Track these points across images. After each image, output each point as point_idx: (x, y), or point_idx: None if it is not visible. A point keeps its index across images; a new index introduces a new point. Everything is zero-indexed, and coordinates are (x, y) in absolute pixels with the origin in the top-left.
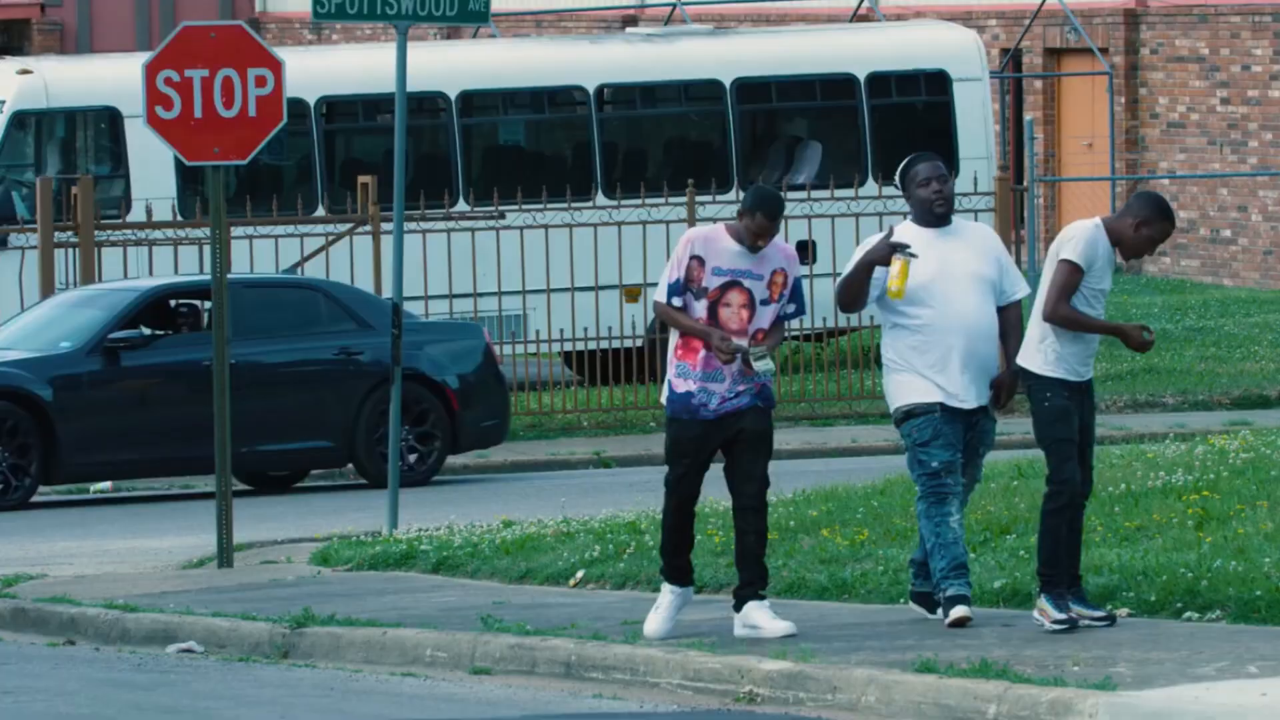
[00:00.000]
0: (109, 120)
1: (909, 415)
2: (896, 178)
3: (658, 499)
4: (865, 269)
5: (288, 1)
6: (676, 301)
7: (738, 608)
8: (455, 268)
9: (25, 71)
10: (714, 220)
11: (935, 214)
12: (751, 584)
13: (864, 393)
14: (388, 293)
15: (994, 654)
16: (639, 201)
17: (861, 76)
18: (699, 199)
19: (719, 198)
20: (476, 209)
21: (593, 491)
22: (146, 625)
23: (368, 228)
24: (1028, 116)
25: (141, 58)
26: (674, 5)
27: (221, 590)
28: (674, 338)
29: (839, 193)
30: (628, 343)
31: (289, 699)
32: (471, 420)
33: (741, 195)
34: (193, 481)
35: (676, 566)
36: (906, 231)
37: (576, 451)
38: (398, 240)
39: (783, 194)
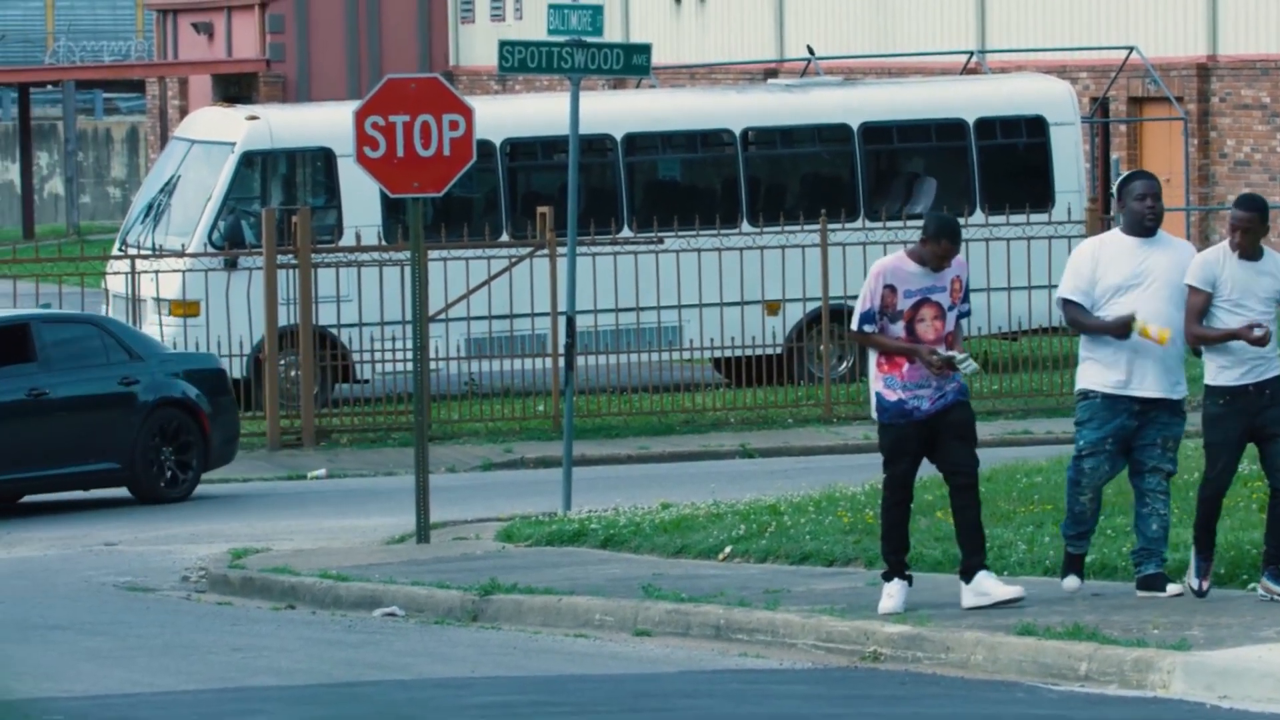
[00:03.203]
0: (324, 159)
1: (1084, 396)
2: (1115, 189)
3: (796, 485)
4: (1102, 329)
5: (477, 56)
6: (869, 328)
7: (968, 578)
8: (620, 286)
9: (253, 118)
10: (843, 245)
11: (1145, 227)
12: (977, 553)
13: (973, 393)
14: (563, 307)
15: (1085, 619)
16: (778, 229)
17: (970, 121)
18: (830, 226)
19: (847, 225)
20: (639, 235)
21: (738, 479)
22: (355, 592)
23: (545, 251)
24: (1114, 155)
25: (352, 106)
26: (809, 60)
27: (420, 563)
28: (873, 355)
29: None
30: (768, 350)
31: (477, 656)
32: (218, 440)
33: (866, 223)
34: (395, 469)
35: (899, 562)
36: (1114, 239)
37: (724, 444)
38: (571, 262)
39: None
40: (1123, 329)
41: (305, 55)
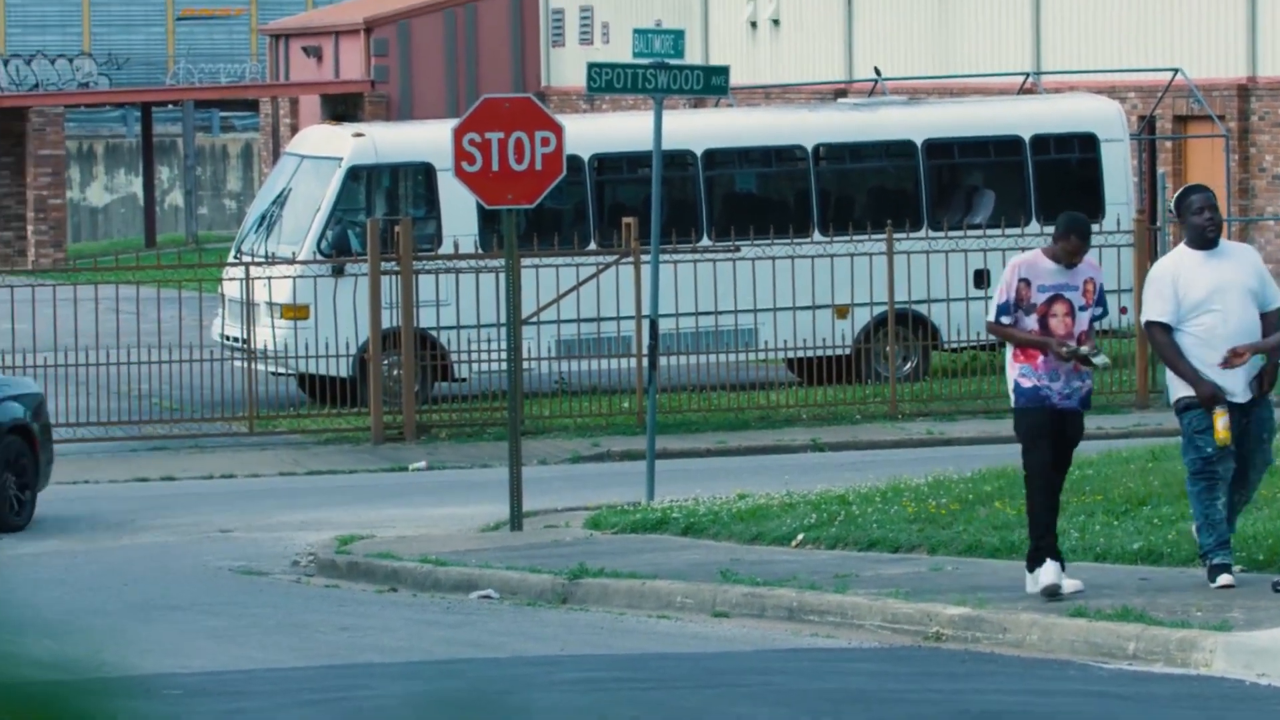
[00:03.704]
0: (424, 173)
1: (1187, 407)
2: (1172, 204)
3: (863, 477)
4: (1190, 380)
5: (567, 77)
6: (1005, 320)
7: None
8: (700, 291)
9: (359, 135)
10: (908, 254)
11: (1206, 238)
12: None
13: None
14: (647, 310)
15: (1133, 602)
16: (847, 238)
17: (1026, 138)
18: (895, 236)
19: (911, 235)
20: (717, 244)
21: (810, 471)
22: (454, 576)
23: (630, 259)
24: (1160, 170)
25: (451, 124)
26: (876, 81)
27: (513, 549)
28: (1009, 347)
29: (1008, 231)
30: (838, 351)
31: (567, 635)
32: (44, 462)
33: (929, 232)
34: (491, 462)
35: (1049, 545)
36: (1187, 257)
37: (797, 438)
38: (654, 269)
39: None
40: (1209, 400)
41: (407, 77)
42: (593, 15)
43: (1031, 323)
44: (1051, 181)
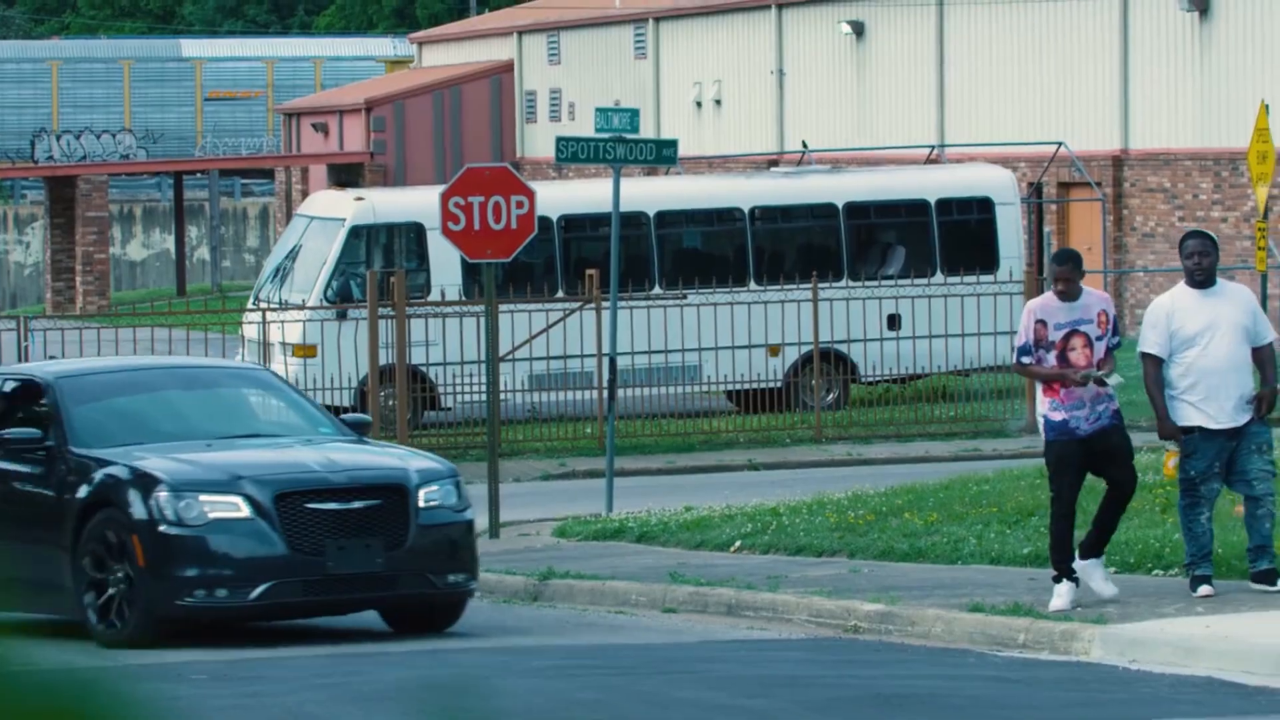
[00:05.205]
0: (416, 232)
1: (1185, 431)
2: (1179, 248)
3: (792, 492)
4: (1159, 415)
5: (539, 149)
6: (1026, 360)
7: (1083, 558)
8: (652, 333)
9: (359, 199)
10: (830, 300)
11: (1196, 280)
12: (1097, 546)
13: (934, 418)
14: (607, 349)
15: (1023, 599)
16: (779, 287)
17: (932, 201)
18: (820, 285)
19: (834, 284)
20: (667, 292)
21: (747, 487)
22: None
23: (592, 305)
24: (1046, 229)
25: (438, 189)
26: (803, 152)
27: (491, 554)
28: (1040, 384)
29: (916, 281)
30: (770, 384)
31: (537, 628)
32: None
33: (849, 282)
34: (472, 479)
35: (1068, 567)
36: (1183, 294)
37: (735, 459)
38: (613, 314)
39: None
40: (1165, 436)
41: (401, 149)
42: (561, 96)
43: (1052, 359)
44: (953, 239)
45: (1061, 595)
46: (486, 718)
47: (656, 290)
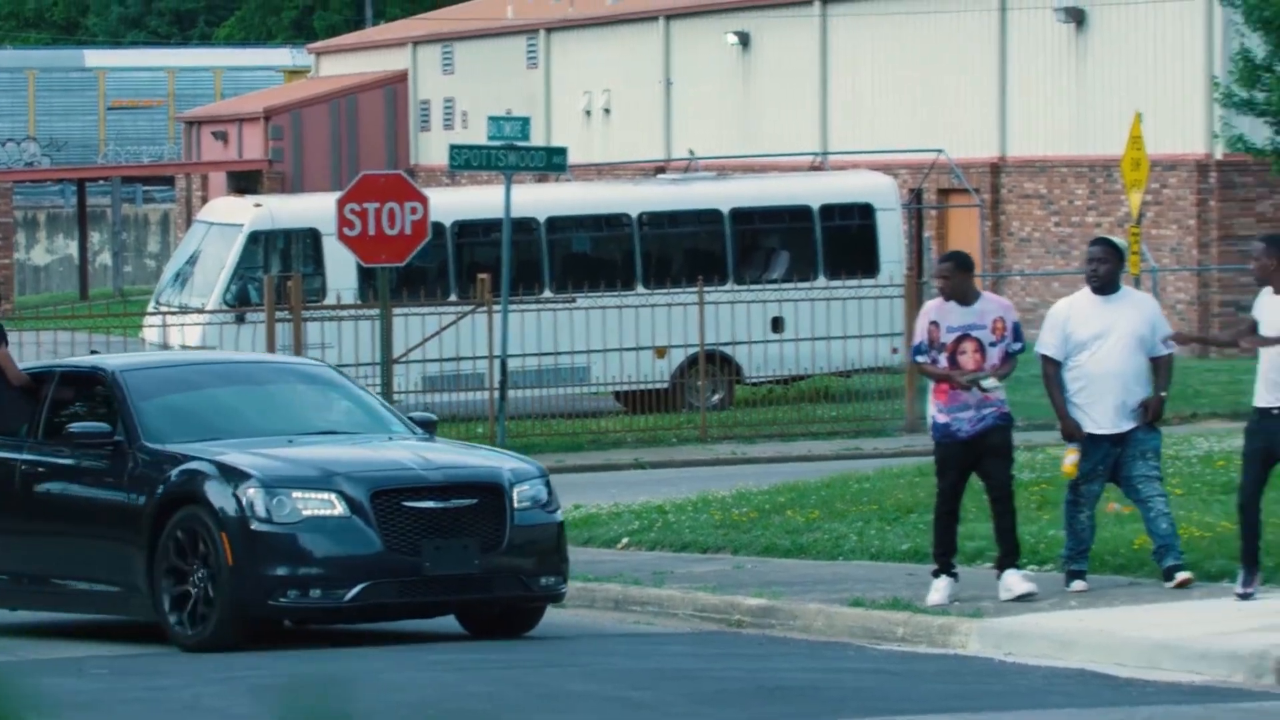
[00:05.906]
0: (312, 237)
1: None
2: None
3: (678, 490)
4: (1059, 413)
5: (433, 156)
6: (920, 359)
7: (1000, 574)
8: (542, 335)
9: (258, 205)
10: (716, 303)
11: (1091, 286)
12: (1010, 555)
13: (816, 418)
14: (498, 351)
15: (903, 594)
16: (666, 291)
17: (815, 207)
18: (706, 289)
19: (719, 288)
20: (557, 296)
21: (634, 485)
22: None
23: (484, 309)
24: (926, 234)
25: (334, 196)
26: (690, 160)
27: None
28: (931, 384)
29: (799, 284)
30: (657, 384)
31: (433, 625)
32: None
33: (734, 286)
34: None
35: (948, 562)
36: (1083, 299)
37: (623, 458)
38: (504, 317)
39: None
40: (1066, 435)
41: (299, 156)
42: (454, 105)
43: (944, 360)
44: (836, 244)
45: (939, 590)
46: (346, 716)
47: (547, 294)
